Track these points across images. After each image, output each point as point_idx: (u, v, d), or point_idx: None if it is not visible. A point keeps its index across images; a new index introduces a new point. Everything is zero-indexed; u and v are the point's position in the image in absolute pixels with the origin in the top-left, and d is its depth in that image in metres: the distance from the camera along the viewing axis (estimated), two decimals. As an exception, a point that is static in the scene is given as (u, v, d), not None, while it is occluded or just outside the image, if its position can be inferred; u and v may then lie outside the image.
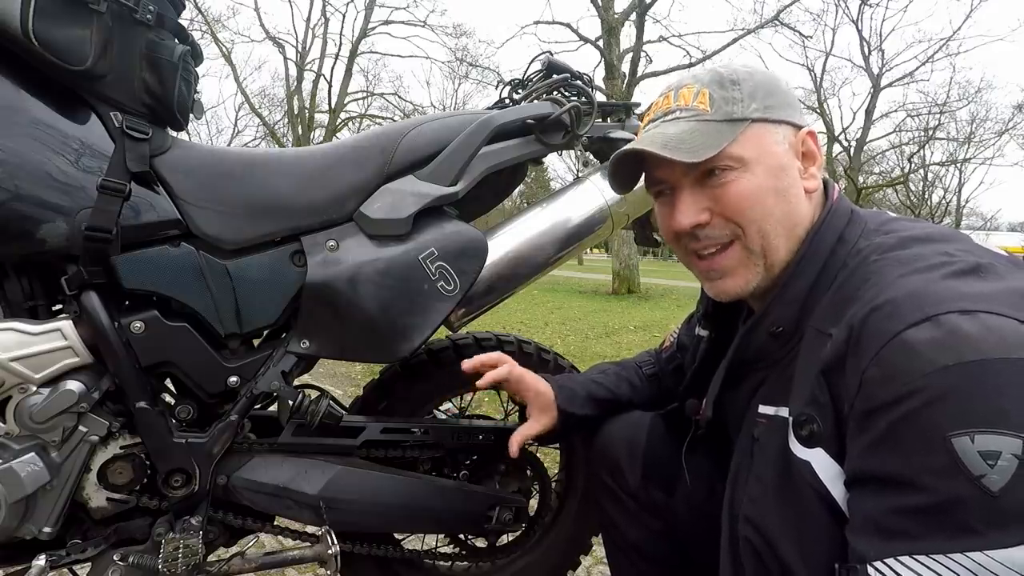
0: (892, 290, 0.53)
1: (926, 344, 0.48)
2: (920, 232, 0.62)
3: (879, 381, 0.50)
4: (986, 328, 0.47)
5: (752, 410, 0.70)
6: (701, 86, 0.68)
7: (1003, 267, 0.55)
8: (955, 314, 0.48)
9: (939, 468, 0.46)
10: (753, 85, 0.67)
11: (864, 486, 0.51)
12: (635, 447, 0.96)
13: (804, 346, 0.63)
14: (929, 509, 0.46)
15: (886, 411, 0.49)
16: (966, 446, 0.45)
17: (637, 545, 0.96)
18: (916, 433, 0.47)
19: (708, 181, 0.67)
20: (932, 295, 0.51)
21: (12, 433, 0.81)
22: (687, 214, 0.68)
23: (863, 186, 18.06)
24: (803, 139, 0.69)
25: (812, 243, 0.66)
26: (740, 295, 0.69)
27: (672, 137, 0.66)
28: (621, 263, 10.68)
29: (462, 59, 18.78)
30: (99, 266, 0.83)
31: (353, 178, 0.95)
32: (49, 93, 0.81)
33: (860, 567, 0.49)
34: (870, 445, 0.50)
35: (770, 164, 0.66)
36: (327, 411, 0.96)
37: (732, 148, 0.65)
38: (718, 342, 0.85)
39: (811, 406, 0.57)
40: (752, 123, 0.66)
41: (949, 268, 0.54)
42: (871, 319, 0.52)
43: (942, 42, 17.32)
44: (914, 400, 0.47)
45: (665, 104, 0.70)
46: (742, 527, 0.64)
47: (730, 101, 0.66)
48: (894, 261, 0.58)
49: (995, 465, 0.44)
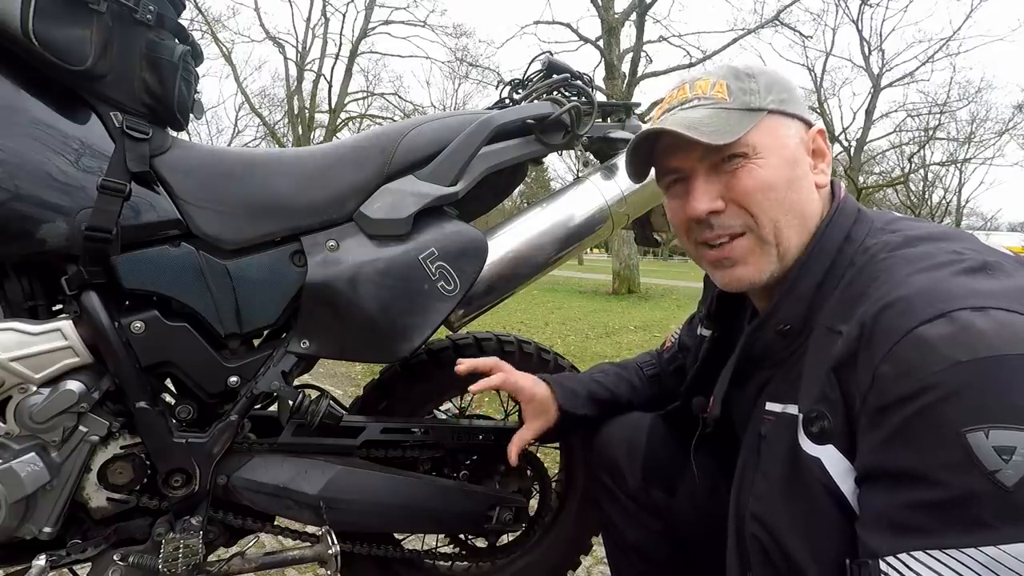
0: (904, 287, 0.54)
1: (940, 340, 0.48)
2: (926, 231, 0.62)
3: (893, 377, 0.50)
4: (999, 324, 0.47)
5: (759, 408, 0.70)
6: (717, 78, 0.69)
7: (1010, 265, 0.55)
8: (968, 311, 0.49)
9: (953, 463, 0.46)
10: (768, 79, 0.69)
11: (876, 481, 0.51)
12: (635, 448, 0.96)
13: (812, 343, 0.63)
14: (943, 504, 0.46)
15: (900, 407, 0.49)
16: (980, 441, 0.45)
17: (637, 546, 0.96)
18: (930, 428, 0.47)
19: (723, 167, 0.67)
20: (944, 292, 0.51)
21: (12, 433, 0.81)
22: (702, 200, 0.68)
23: (863, 186, 18.06)
24: (813, 136, 0.70)
25: (820, 240, 0.66)
26: (753, 285, 0.69)
27: (695, 120, 0.66)
28: (621, 263, 10.68)
29: (462, 59, 18.79)
30: (99, 266, 0.83)
31: (353, 178, 0.95)
32: (49, 93, 0.81)
33: (872, 562, 0.49)
34: (883, 440, 0.50)
35: (784, 155, 0.67)
36: (327, 411, 0.96)
37: (750, 136, 0.65)
38: (721, 342, 0.85)
39: (822, 403, 0.57)
40: (768, 114, 0.67)
41: (959, 266, 0.54)
42: (884, 316, 0.52)
43: (942, 42, 17.38)
44: (928, 396, 0.47)
45: (681, 95, 0.71)
46: (749, 525, 0.64)
47: (747, 92, 0.67)
48: (903, 259, 0.58)
49: (1010, 460, 0.44)
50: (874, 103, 17.99)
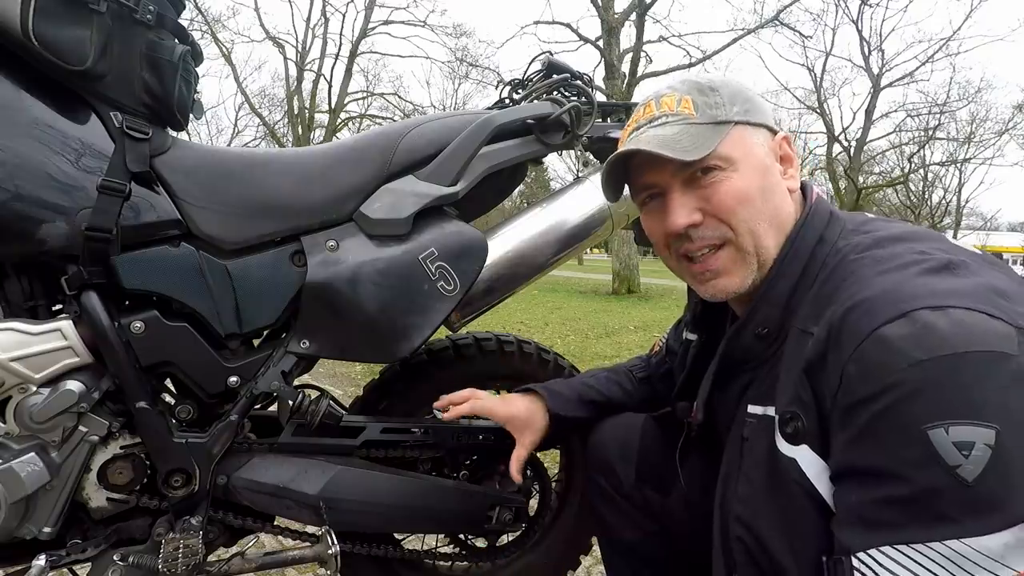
0: (868, 288, 0.55)
1: (900, 340, 0.49)
2: (896, 232, 0.64)
3: (858, 377, 0.51)
4: (956, 323, 0.49)
5: (741, 410, 0.71)
6: (682, 94, 0.70)
7: (975, 264, 0.56)
8: (927, 310, 0.50)
9: (916, 459, 0.47)
10: (731, 91, 0.70)
11: (847, 479, 0.53)
12: (628, 448, 0.96)
13: (788, 346, 0.64)
14: (908, 499, 0.47)
15: (865, 406, 0.50)
16: (941, 437, 0.46)
17: (632, 546, 0.97)
18: (894, 426, 0.49)
19: (698, 182, 0.68)
20: (907, 292, 0.52)
21: (12, 433, 0.81)
22: (680, 214, 0.69)
23: (863, 186, 18.04)
24: (780, 143, 0.72)
25: (794, 243, 0.67)
26: (736, 294, 0.70)
27: (667, 138, 0.68)
28: (621, 263, 10.69)
29: (462, 59, 18.81)
30: (99, 266, 0.83)
31: (353, 178, 0.95)
32: (49, 93, 0.81)
33: (845, 559, 0.50)
34: (851, 439, 0.51)
35: (755, 164, 0.68)
36: (327, 411, 0.96)
37: (721, 148, 0.67)
38: (707, 346, 0.86)
39: (795, 404, 0.58)
40: (735, 125, 0.68)
41: (922, 265, 0.56)
42: (849, 317, 0.54)
43: (942, 42, 17.36)
44: (891, 394, 0.49)
45: (648, 112, 0.72)
46: (733, 526, 0.65)
47: (712, 106, 0.69)
48: (871, 260, 0.59)
49: (969, 455, 0.45)
50: (874, 103, 18.00)
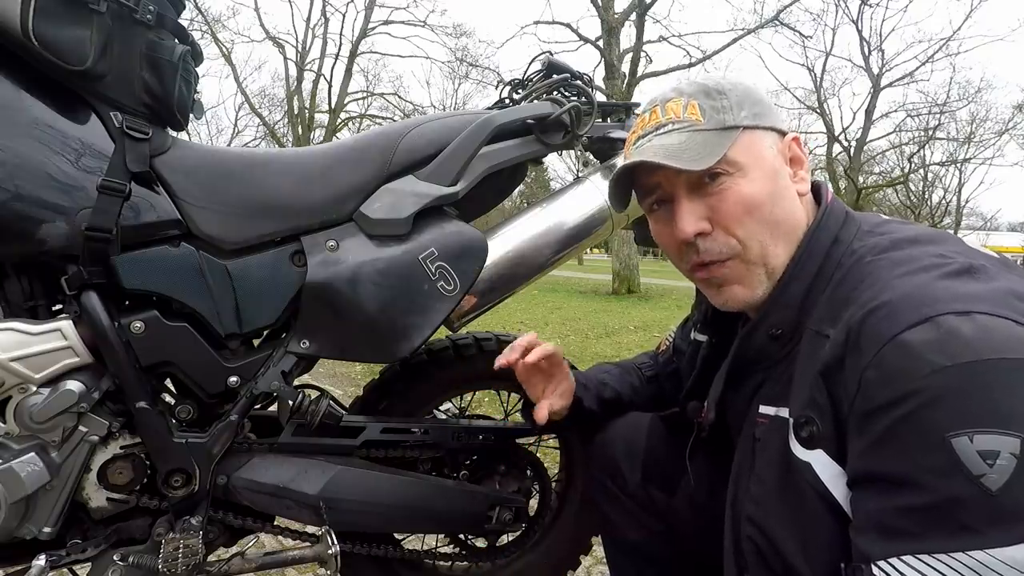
0: (889, 292, 0.54)
1: (924, 345, 0.48)
2: (913, 234, 0.63)
3: (878, 382, 0.50)
4: (982, 328, 0.48)
5: (753, 410, 0.70)
6: (688, 98, 0.68)
7: (994, 268, 0.55)
8: (952, 315, 0.49)
9: (939, 468, 0.46)
10: (739, 95, 0.68)
11: (866, 486, 0.52)
12: (634, 448, 0.96)
13: (803, 348, 0.63)
14: (930, 508, 0.46)
15: (886, 412, 0.49)
16: (965, 446, 0.45)
17: (636, 545, 0.96)
18: (916, 433, 0.47)
19: (705, 188, 0.67)
20: (928, 296, 0.51)
21: (12, 433, 0.81)
22: (689, 221, 0.67)
23: (863, 186, 18.02)
24: (789, 144, 0.70)
25: (808, 245, 0.66)
26: (748, 305, 0.69)
27: (673, 147, 0.66)
28: (621, 263, 10.68)
29: (462, 59, 18.79)
30: (99, 266, 0.83)
31: (353, 178, 0.95)
32: (49, 93, 0.81)
33: (865, 567, 0.49)
34: (871, 446, 0.50)
35: (764, 169, 0.66)
36: (327, 411, 0.96)
37: (729, 154, 0.65)
38: (718, 346, 0.85)
39: (810, 408, 0.57)
40: (744, 130, 0.66)
41: (943, 269, 0.55)
42: (869, 320, 0.53)
43: (942, 42, 17.30)
44: (913, 401, 0.47)
45: (654, 119, 0.70)
46: (745, 527, 0.64)
47: (720, 110, 0.67)
48: (888, 262, 0.58)
49: (994, 464, 0.44)
50: (874, 103, 17.97)
